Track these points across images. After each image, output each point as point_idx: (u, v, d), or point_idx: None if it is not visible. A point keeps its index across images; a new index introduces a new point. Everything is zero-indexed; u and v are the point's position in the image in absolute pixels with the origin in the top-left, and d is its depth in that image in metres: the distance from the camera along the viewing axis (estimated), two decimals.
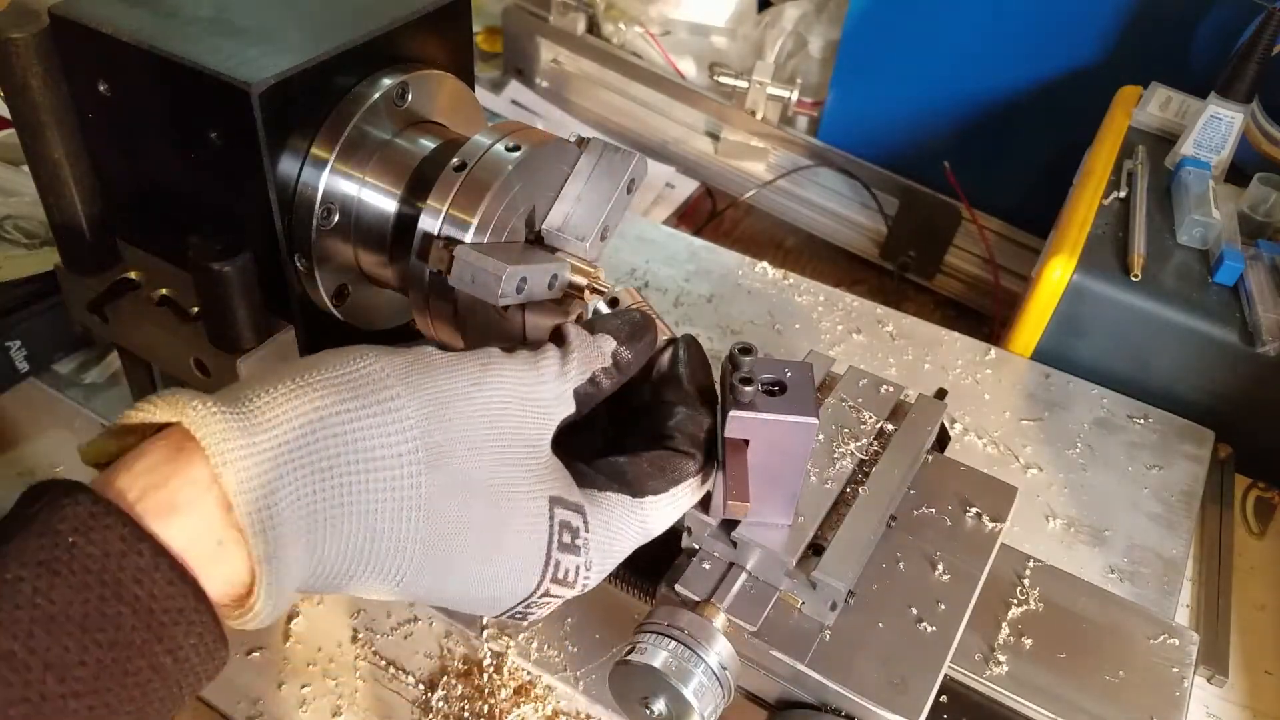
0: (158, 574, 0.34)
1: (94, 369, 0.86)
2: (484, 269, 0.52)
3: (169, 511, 0.36)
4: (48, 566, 0.33)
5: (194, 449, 0.37)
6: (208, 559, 0.36)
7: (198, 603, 0.36)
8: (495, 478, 0.43)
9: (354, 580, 0.41)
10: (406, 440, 0.40)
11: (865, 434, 0.58)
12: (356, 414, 0.39)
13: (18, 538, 0.34)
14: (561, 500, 0.45)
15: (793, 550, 0.51)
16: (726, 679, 0.50)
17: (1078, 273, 0.91)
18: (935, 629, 0.52)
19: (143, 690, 0.35)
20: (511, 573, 0.44)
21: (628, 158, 0.58)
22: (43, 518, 0.34)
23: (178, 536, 0.36)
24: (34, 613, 0.32)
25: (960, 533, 0.57)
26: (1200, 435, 0.89)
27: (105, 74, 0.56)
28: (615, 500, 0.47)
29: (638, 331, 0.50)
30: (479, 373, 0.44)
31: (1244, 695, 0.72)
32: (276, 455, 0.37)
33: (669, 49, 1.60)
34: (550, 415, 0.46)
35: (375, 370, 0.41)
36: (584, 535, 0.46)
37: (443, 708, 0.65)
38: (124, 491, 0.36)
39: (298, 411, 0.38)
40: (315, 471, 0.38)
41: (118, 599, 0.34)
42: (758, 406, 0.48)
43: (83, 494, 0.35)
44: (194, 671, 0.36)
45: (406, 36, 0.60)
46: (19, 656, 0.32)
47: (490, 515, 0.43)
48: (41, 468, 0.79)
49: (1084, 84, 1.31)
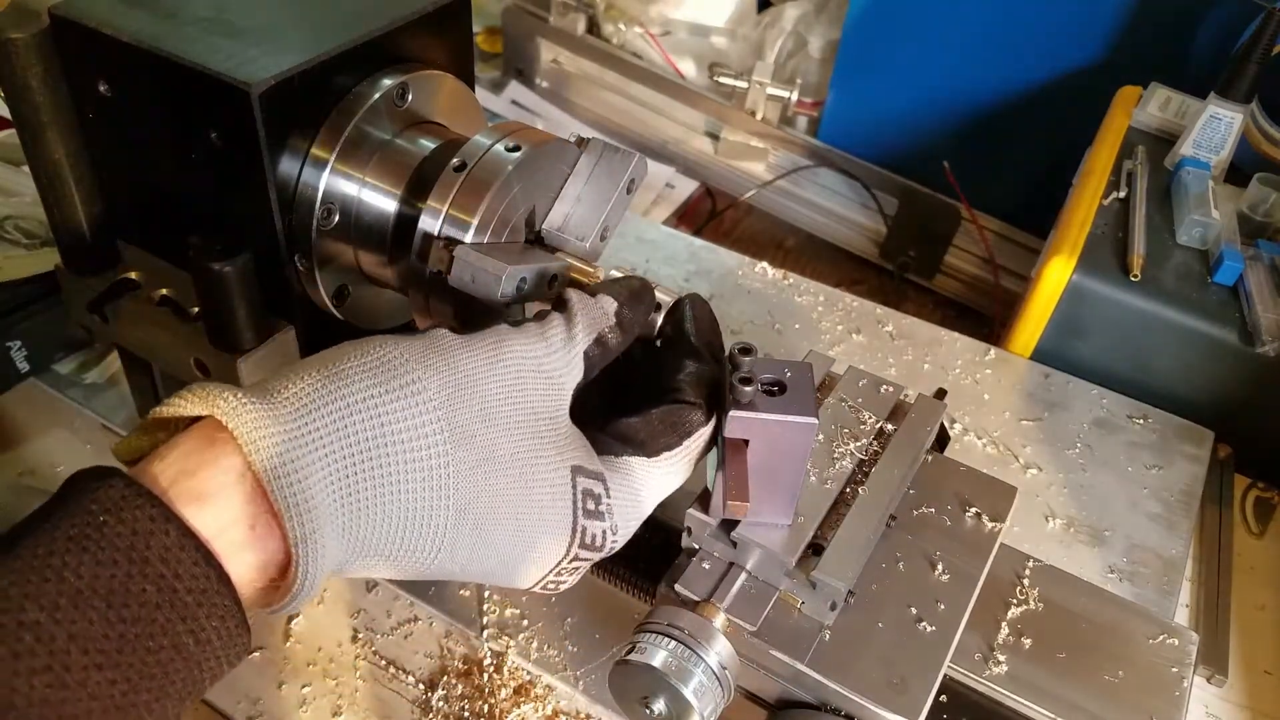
0: (183, 554, 0.36)
1: (94, 369, 0.86)
2: (484, 269, 0.52)
3: (199, 499, 0.37)
4: (77, 543, 0.34)
5: (225, 439, 0.38)
6: (238, 545, 0.38)
7: (221, 585, 0.37)
8: (519, 451, 0.44)
9: (390, 560, 0.42)
10: (432, 421, 0.42)
11: (865, 434, 0.58)
12: (382, 398, 0.41)
13: (53, 517, 0.35)
14: (582, 469, 0.46)
15: (792, 550, 0.51)
16: (726, 679, 0.50)
17: (1077, 273, 0.92)
18: (935, 629, 0.52)
19: (164, 669, 0.36)
20: (540, 541, 0.45)
21: (628, 158, 0.58)
22: (76, 499, 0.35)
23: (209, 523, 0.37)
24: (60, 586, 0.33)
25: (960, 532, 0.57)
26: (1200, 435, 0.89)
27: (105, 74, 0.56)
28: (632, 464, 0.48)
29: (637, 293, 0.51)
30: (493, 351, 0.45)
31: (1243, 695, 0.72)
32: (308, 440, 0.39)
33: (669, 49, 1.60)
34: (563, 384, 0.47)
35: (396, 356, 0.43)
36: (606, 501, 0.47)
37: (443, 707, 0.65)
38: (156, 478, 0.37)
39: (326, 399, 0.40)
40: (346, 455, 0.39)
41: (143, 576, 0.35)
42: (757, 406, 0.48)
43: (116, 478, 0.36)
44: (215, 655, 0.37)
45: (406, 37, 0.60)
46: (44, 627, 0.33)
47: (517, 487, 0.44)
48: (42, 467, 0.79)
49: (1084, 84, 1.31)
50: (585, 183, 0.58)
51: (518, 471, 0.44)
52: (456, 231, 0.55)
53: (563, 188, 0.58)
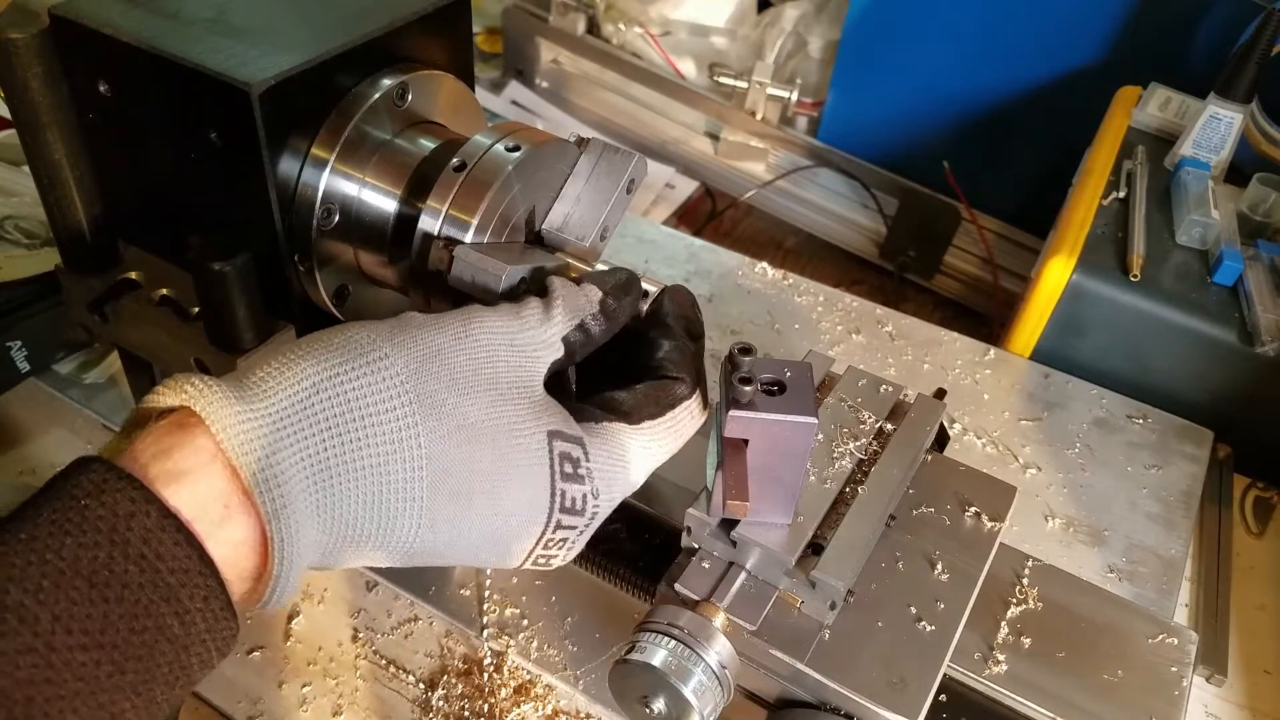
0: (164, 535, 0.36)
1: (94, 369, 0.86)
2: (483, 268, 0.52)
3: (175, 479, 0.37)
4: (59, 526, 0.35)
5: (196, 422, 0.39)
6: (215, 523, 0.38)
7: (204, 566, 0.37)
8: (490, 418, 0.44)
9: (370, 542, 0.42)
10: (399, 393, 0.42)
11: (864, 434, 0.58)
12: (348, 374, 0.41)
13: (35, 505, 0.36)
14: (560, 433, 0.46)
15: (792, 549, 0.51)
16: (726, 678, 0.50)
17: (1077, 273, 0.92)
18: (935, 628, 0.52)
19: (149, 650, 0.36)
20: (520, 508, 0.45)
21: (627, 158, 0.58)
22: (59, 486, 0.36)
23: (187, 502, 0.37)
24: (44, 568, 0.34)
25: (959, 532, 0.57)
26: (1199, 435, 0.89)
27: (105, 74, 0.56)
28: (613, 429, 0.48)
29: (624, 284, 0.51)
30: (462, 325, 0.46)
31: (1243, 695, 0.72)
32: (276, 419, 0.39)
33: (669, 49, 1.60)
34: (539, 357, 0.47)
35: (363, 336, 0.43)
36: (586, 465, 0.47)
37: (443, 707, 0.65)
38: (134, 460, 0.38)
39: (293, 379, 0.41)
40: (315, 431, 0.40)
41: (125, 557, 0.35)
42: (757, 406, 0.48)
43: (97, 463, 0.37)
44: (201, 639, 0.37)
45: (406, 37, 0.60)
46: (29, 608, 0.33)
47: (491, 454, 0.44)
48: (42, 467, 0.79)
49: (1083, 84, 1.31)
50: (585, 183, 0.58)
51: (490, 437, 0.44)
52: (456, 231, 0.55)
53: (562, 188, 0.58)
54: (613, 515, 0.50)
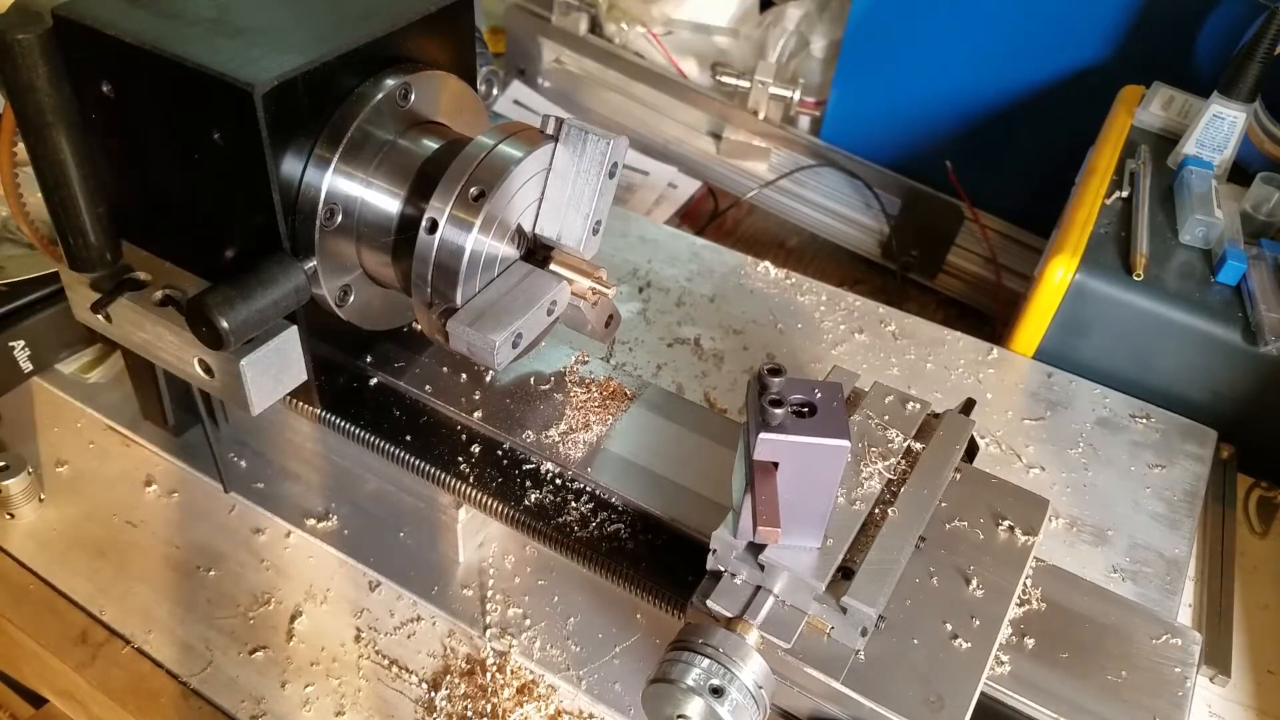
0: None
1: (97, 369, 0.86)
2: (476, 343, 0.54)
3: None
4: None
5: None
6: None
7: None
8: None
9: None
10: None
11: (893, 453, 0.56)
12: None
13: None
14: None
15: (822, 574, 0.49)
16: (762, 697, 0.49)
17: (1080, 272, 0.91)
18: (970, 645, 0.51)
19: None
20: None
21: (604, 141, 0.57)
22: None
23: None
24: None
25: (993, 546, 0.56)
26: (1203, 435, 0.89)
27: (109, 75, 0.56)
28: None
29: None
30: None
31: (1247, 695, 0.72)
32: None
33: (671, 49, 1.60)
34: None
35: None
36: None
37: (446, 707, 0.65)
38: None
39: None
40: None
41: None
42: (788, 429, 0.46)
43: None
44: None
45: (409, 37, 0.60)
46: None
47: None
48: (45, 467, 0.80)
49: (1086, 83, 1.31)
50: (567, 180, 0.58)
51: None
52: (459, 231, 0.55)
53: (545, 190, 0.57)
54: (615, 515, 0.49)
